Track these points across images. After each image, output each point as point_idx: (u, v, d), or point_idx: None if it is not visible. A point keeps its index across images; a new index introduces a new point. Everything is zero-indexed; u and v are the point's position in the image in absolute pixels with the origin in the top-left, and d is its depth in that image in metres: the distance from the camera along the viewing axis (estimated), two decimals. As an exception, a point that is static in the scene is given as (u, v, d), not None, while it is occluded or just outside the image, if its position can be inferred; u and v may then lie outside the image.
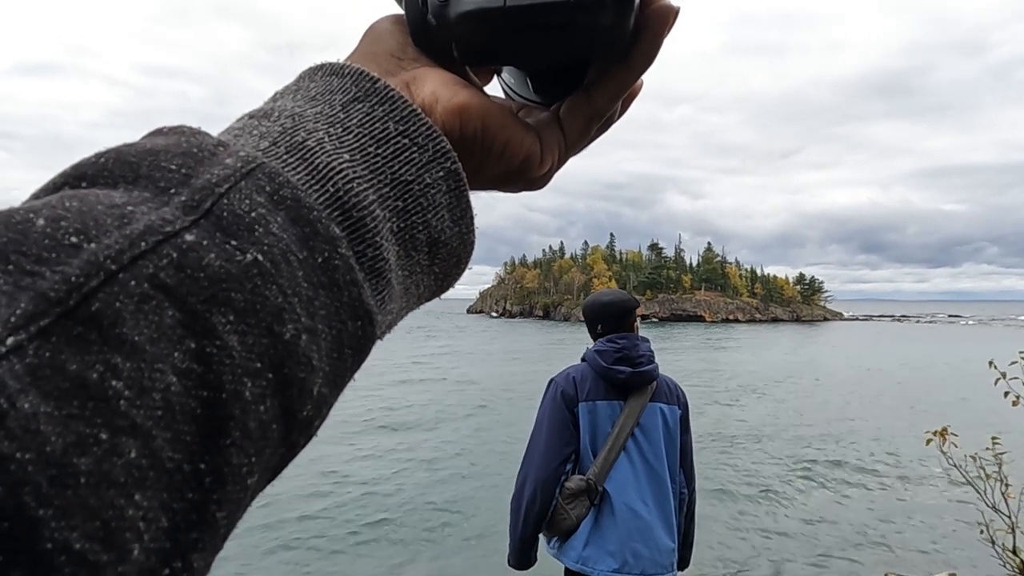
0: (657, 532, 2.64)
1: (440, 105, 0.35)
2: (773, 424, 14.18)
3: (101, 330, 0.20)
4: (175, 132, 0.28)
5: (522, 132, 0.38)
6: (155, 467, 0.20)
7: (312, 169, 0.28)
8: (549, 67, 0.40)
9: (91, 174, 0.25)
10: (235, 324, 0.23)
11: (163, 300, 0.21)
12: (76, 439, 0.18)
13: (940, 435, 4.25)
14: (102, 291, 0.20)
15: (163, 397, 0.20)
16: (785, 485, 9.41)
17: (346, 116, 0.31)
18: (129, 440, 0.19)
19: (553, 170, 0.41)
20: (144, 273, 0.21)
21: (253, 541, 6.64)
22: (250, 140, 0.29)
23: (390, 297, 0.31)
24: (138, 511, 0.19)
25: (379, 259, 0.29)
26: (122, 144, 0.26)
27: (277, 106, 0.32)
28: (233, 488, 0.23)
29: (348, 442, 11.47)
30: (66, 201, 0.22)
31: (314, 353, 0.25)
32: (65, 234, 0.21)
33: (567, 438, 2.68)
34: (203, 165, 0.25)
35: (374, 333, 0.29)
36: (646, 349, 2.80)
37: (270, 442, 0.24)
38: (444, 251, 0.34)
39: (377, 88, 0.33)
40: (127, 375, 0.20)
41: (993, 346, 23.86)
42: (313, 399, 0.26)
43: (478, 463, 10.35)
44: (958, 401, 16.53)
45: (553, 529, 2.67)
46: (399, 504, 8.24)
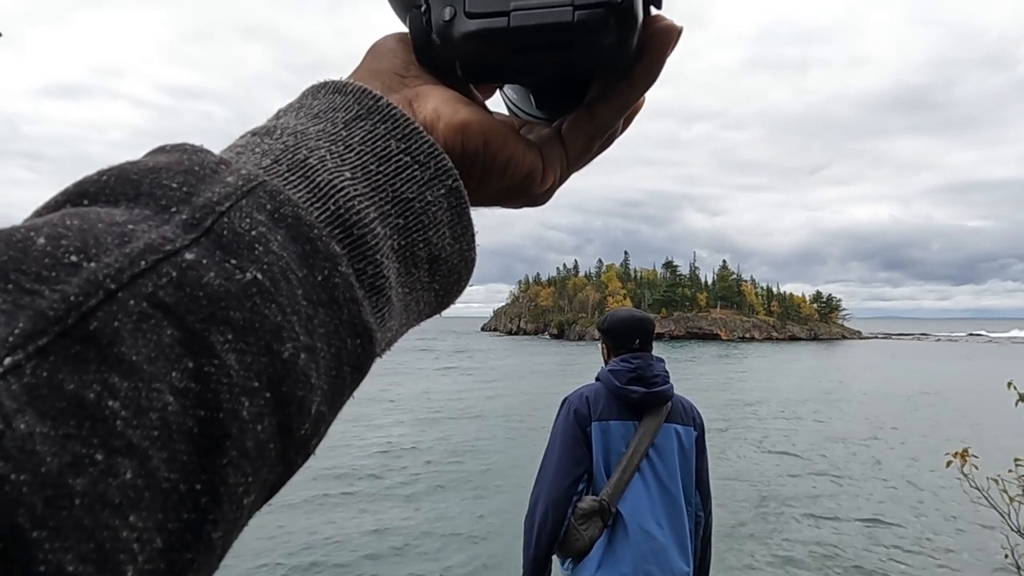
0: (671, 555, 2.60)
1: (442, 122, 0.35)
2: (789, 446, 13.98)
3: (99, 349, 0.20)
4: (177, 150, 0.28)
5: (524, 149, 0.38)
6: (150, 487, 0.20)
7: (314, 187, 0.29)
8: (552, 84, 0.41)
9: (93, 192, 0.25)
10: (234, 343, 0.23)
11: (162, 319, 0.21)
12: (72, 460, 0.18)
13: (960, 457, 4.18)
14: (101, 310, 0.20)
15: (160, 417, 0.20)
16: (802, 509, 9.25)
17: (348, 134, 0.32)
18: (125, 460, 0.19)
19: (555, 186, 0.41)
20: (143, 292, 0.21)
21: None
22: (252, 158, 0.29)
23: (390, 314, 0.31)
24: (133, 532, 0.19)
25: (379, 276, 0.29)
26: (125, 162, 0.27)
27: (280, 123, 0.32)
28: (229, 508, 0.23)
29: (361, 451, 11.45)
30: (67, 219, 0.22)
31: (313, 371, 0.25)
32: (65, 252, 0.21)
33: (579, 458, 2.65)
34: (204, 183, 0.26)
35: (373, 351, 0.29)
36: (661, 369, 2.77)
37: (267, 461, 0.24)
38: (445, 268, 0.34)
39: (379, 106, 0.33)
40: (124, 395, 0.20)
41: (1013, 364, 23.03)
42: (311, 417, 0.26)
43: (493, 483, 10.28)
44: (978, 422, 16.22)
45: (566, 550, 2.64)
46: (412, 524, 8.20)
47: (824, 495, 9.93)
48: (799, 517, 8.77)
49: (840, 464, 12.09)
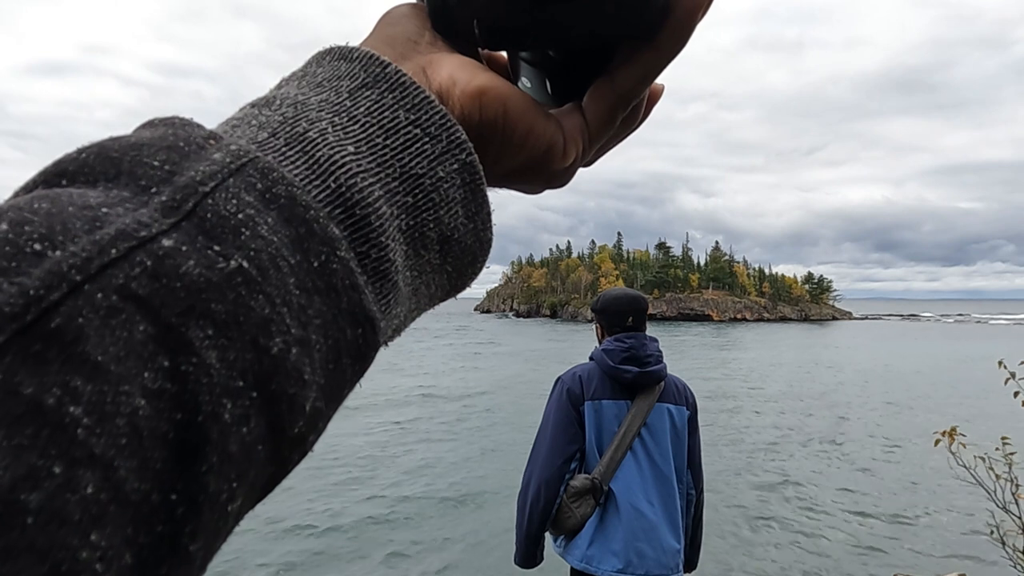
0: (662, 533, 2.63)
1: (458, 88, 0.33)
2: (779, 423, 14.12)
3: (61, 348, 0.18)
4: (164, 124, 0.26)
5: (544, 121, 0.35)
6: (116, 501, 0.18)
7: (312, 163, 0.27)
8: (569, 64, 0.38)
9: (72, 171, 0.23)
10: (215, 338, 0.21)
11: (134, 313, 0.20)
12: (26, 472, 0.17)
13: (948, 436, 4.22)
14: (64, 304, 0.18)
15: (129, 423, 0.19)
16: (791, 485, 9.37)
17: (353, 104, 0.29)
18: (87, 472, 0.18)
19: (577, 163, 0.38)
20: (113, 284, 0.19)
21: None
22: (247, 131, 0.27)
23: (396, 300, 0.29)
24: (94, 552, 0.17)
25: (384, 260, 0.27)
26: (108, 138, 0.25)
27: (280, 93, 0.30)
28: (210, 516, 0.21)
29: (362, 425, 11.50)
30: (35, 203, 0.20)
31: (306, 366, 0.24)
32: (28, 240, 0.19)
33: (571, 436, 2.67)
34: (188, 160, 0.24)
35: (376, 340, 0.27)
36: (654, 349, 2.78)
37: (255, 464, 0.22)
38: (457, 249, 0.32)
39: (387, 73, 0.30)
40: (88, 399, 0.18)
41: (1003, 344, 23.21)
42: (306, 415, 0.24)
43: (487, 458, 10.35)
44: (966, 401, 16.42)
45: (558, 528, 2.66)
46: (406, 500, 8.26)
47: (813, 471, 10.05)
48: (787, 493, 8.88)
49: (830, 441, 12.23)
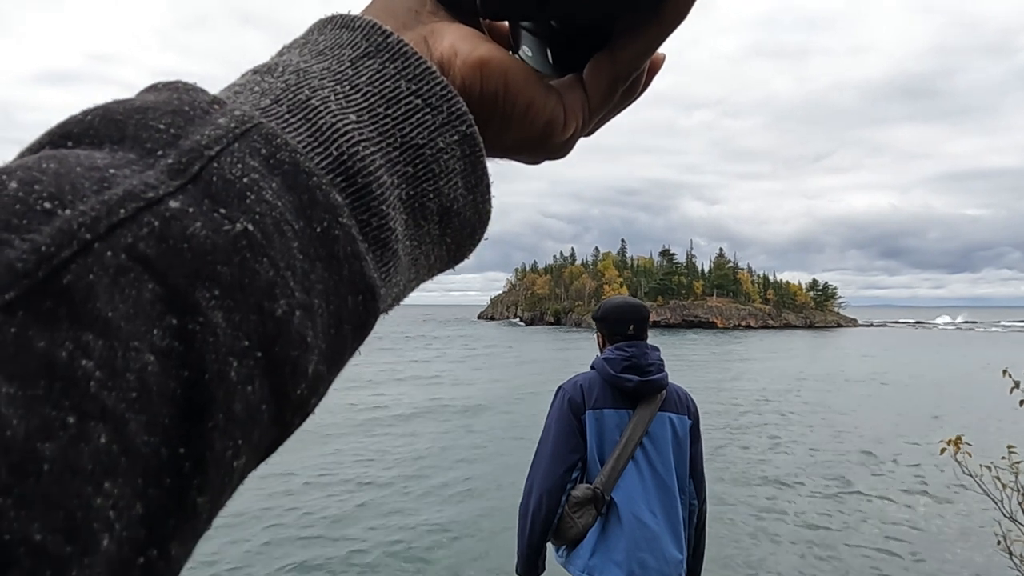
0: (665, 542, 2.61)
1: (460, 59, 0.33)
2: (785, 434, 14.06)
3: (72, 305, 0.18)
4: (168, 88, 0.26)
5: (544, 93, 0.36)
6: (128, 453, 0.19)
7: (315, 130, 0.27)
8: (571, 34, 0.38)
9: (77, 132, 0.23)
10: (221, 300, 0.21)
11: (142, 273, 0.20)
12: (41, 424, 0.17)
13: (954, 444, 4.19)
14: (74, 262, 0.19)
15: (138, 378, 0.19)
16: (797, 495, 9.32)
17: (355, 73, 0.30)
18: (99, 425, 0.18)
19: (577, 135, 0.38)
20: (122, 243, 0.20)
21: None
22: (250, 97, 0.27)
23: (396, 269, 0.29)
24: (107, 500, 0.18)
25: (384, 229, 0.28)
26: (112, 100, 0.25)
27: (282, 60, 0.30)
28: (216, 473, 0.21)
29: (356, 440, 11.49)
30: (43, 163, 0.21)
31: (309, 331, 0.24)
32: (38, 199, 0.19)
33: (573, 446, 2.66)
34: (193, 124, 0.24)
35: (377, 308, 0.28)
36: (656, 358, 2.78)
37: (259, 424, 0.23)
38: (457, 221, 0.32)
39: (389, 43, 0.31)
40: (99, 354, 0.18)
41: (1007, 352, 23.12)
42: (308, 378, 0.24)
43: (488, 465, 10.32)
44: (972, 409, 16.32)
45: (560, 537, 2.65)
46: (406, 511, 8.23)
47: (819, 482, 9.99)
48: (791, 500, 8.84)
49: (834, 450, 12.16)
